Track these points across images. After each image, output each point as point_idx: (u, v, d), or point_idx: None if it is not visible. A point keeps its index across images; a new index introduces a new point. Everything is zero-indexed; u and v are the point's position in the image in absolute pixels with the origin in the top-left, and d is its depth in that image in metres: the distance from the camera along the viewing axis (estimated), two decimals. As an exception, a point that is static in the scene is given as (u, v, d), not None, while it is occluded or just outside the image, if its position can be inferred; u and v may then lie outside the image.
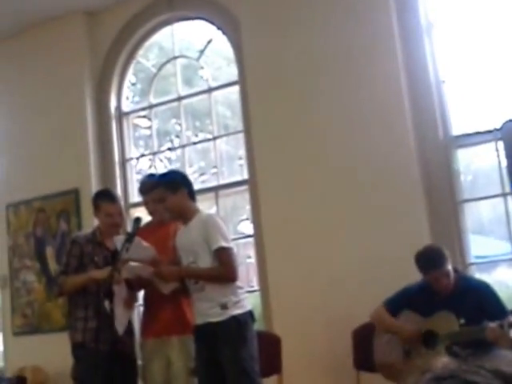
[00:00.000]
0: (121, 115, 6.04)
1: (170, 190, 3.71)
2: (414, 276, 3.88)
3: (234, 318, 3.59)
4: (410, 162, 4.59)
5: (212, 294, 3.61)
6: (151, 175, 4.30)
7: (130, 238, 3.69)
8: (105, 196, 4.12)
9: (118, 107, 6.04)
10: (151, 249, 3.76)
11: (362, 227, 4.64)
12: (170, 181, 3.77)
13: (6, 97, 6.33)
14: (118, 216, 4.04)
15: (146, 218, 4.22)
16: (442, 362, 3.03)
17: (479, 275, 4.42)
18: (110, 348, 3.77)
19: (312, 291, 4.72)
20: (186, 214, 3.75)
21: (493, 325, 3.46)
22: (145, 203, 4.10)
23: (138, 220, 3.80)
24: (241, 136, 5.44)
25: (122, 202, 5.71)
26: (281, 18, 5.12)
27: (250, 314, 3.70)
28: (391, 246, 4.50)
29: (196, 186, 4.19)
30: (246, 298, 3.78)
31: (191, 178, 4.39)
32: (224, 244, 3.62)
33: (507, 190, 4.28)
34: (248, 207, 5.33)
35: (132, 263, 3.83)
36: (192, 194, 3.79)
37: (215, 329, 3.60)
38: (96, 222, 4.19)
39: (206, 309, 3.64)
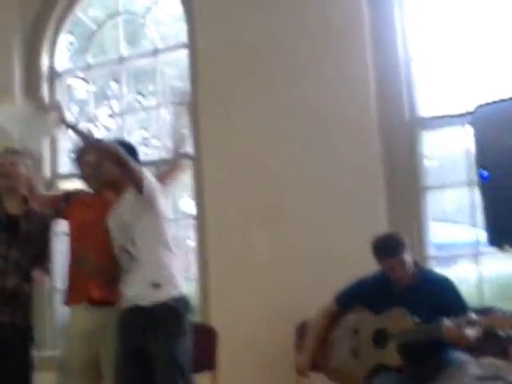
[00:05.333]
0: (53, 76, 5.99)
1: None
2: (370, 266, 3.91)
3: (169, 304, 3.54)
4: (371, 142, 4.64)
5: (144, 268, 3.57)
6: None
7: None
8: None
9: (51, 67, 6.00)
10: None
11: (315, 211, 4.67)
12: (126, 147, 3.70)
13: None
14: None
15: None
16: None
17: (439, 268, 4.48)
18: None
19: (256, 281, 4.74)
20: (121, 186, 3.70)
21: (449, 323, 3.50)
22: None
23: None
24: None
25: (50, 170, 5.78)
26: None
27: (186, 300, 3.67)
28: (345, 233, 4.55)
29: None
30: (183, 281, 3.74)
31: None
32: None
33: (474, 178, 4.33)
34: (191, 185, 5.29)
35: None
36: None
37: (147, 314, 3.54)
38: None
39: (135, 289, 3.59)
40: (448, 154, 5.02)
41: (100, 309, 3.82)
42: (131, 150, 3.79)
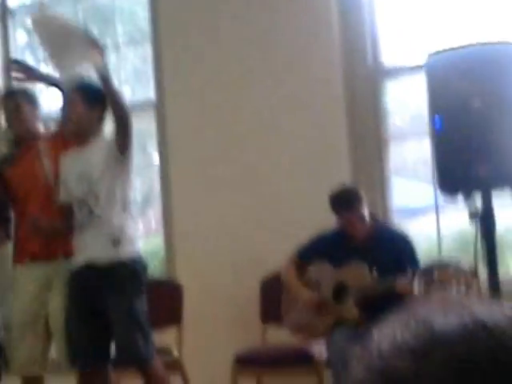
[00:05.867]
0: (5, 13, 5.65)
1: (88, 102, 3.58)
2: (331, 219, 3.92)
3: (127, 263, 3.53)
4: (334, 92, 4.55)
5: (104, 226, 3.53)
6: None
7: None
8: None
9: (3, 3, 5.64)
10: None
11: (278, 164, 4.63)
12: (95, 91, 3.59)
13: None
14: None
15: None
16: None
17: (401, 221, 4.51)
18: None
19: (220, 237, 4.72)
20: (87, 135, 3.62)
21: (403, 279, 3.56)
22: None
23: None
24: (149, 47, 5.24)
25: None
26: None
27: (143, 260, 3.67)
28: (308, 186, 4.50)
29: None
30: (138, 241, 3.78)
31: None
32: None
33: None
34: (153, 133, 5.15)
35: None
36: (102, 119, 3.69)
37: (105, 273, 3.52)
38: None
39: (93, 245, 3.54)
40: (411, 103, 4.94)
41: (44, 265, 3.77)
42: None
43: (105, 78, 3.46)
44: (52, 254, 3.76)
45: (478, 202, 3.22)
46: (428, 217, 4.54)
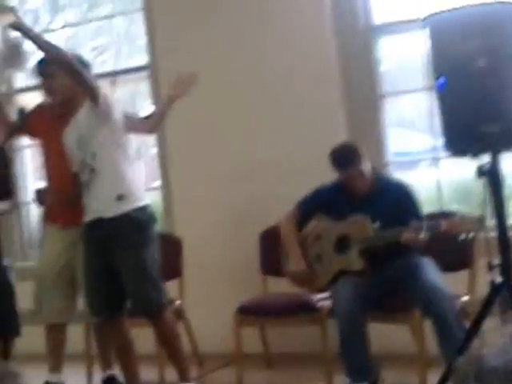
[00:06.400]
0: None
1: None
2: (329, 174, 3.93)
3: (131, 215, 3.57)
4: (327, 51, 4.58)
5: (106, 181, 3.58)
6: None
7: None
8: None
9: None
10: None
11: (274, 120, 4.67)
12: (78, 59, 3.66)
13: None
14: None
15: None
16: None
17: (398, 174, 4.53)
18: None
19: (218, 189, 4.77)
20: (75, 102, 3.68)
21: (408, 229, 3.56)
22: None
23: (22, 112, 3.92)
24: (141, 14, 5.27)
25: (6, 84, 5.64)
26: None
27: (150, 210, 3.70)
28: (305, 142, 4.55)
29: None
30: (145, 191, 3.85)
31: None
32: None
33: (432, 84, 4.31)
34: (149, 96, 5.22)
35: None
36: None
37: (110, 226, 3.57)
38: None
39: (99, 202, 3.60)
40: (405, 59, 4.94)
41: (71, 229, 3.90)
42: (85, 65, 3.76)
43: (24, 32, 3.45)
44: (78, 221, 3.80)
45: (485, 159, 3.20)
46: (426, 167, 4.57)
